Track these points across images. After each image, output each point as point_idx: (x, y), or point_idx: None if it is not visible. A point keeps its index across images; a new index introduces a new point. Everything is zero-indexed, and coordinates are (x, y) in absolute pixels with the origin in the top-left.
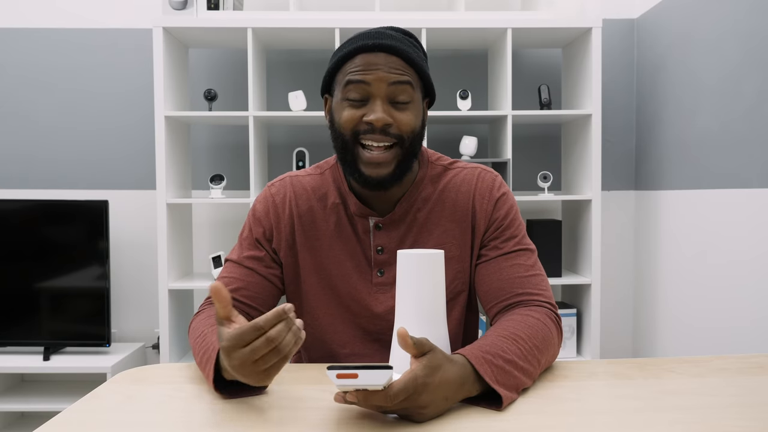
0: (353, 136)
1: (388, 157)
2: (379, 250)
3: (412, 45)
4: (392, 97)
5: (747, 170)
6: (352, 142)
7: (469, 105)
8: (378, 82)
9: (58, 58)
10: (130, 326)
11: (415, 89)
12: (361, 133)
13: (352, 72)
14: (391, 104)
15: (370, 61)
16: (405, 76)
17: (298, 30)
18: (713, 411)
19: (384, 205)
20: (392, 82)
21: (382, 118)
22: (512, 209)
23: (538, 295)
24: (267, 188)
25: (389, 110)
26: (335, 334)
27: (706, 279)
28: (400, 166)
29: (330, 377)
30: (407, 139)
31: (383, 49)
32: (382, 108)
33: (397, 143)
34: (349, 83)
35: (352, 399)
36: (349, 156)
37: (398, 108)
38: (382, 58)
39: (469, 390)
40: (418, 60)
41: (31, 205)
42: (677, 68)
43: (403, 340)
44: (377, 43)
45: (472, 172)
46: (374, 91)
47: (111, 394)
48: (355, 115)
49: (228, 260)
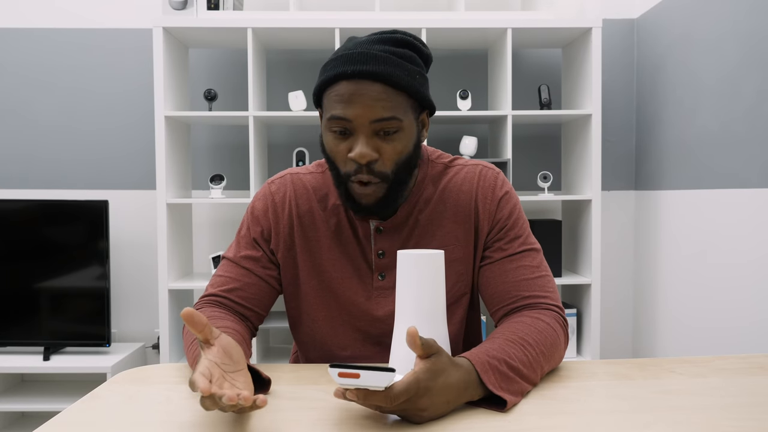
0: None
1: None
2: (381, 254)
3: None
4: (377, 130)
5: (747, 170)
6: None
7: (469, 105)
8: (360, 118)
9: (58, 58)
10: (130, 326)
11: (405, 115)
12: (351, 174)
13: (334, 103)
14: (377, 135)
15: (352, 92)
16: (388, 112)
17: (298, 30)
18: (713, 411)
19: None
20: (374, 120)
21: (367, 154)
22: (515, 208)
23: (546, 298)
24: (267, 185)
25: (375, 143)
26: (335, 336)
27: (706, 279)
28: (388, 197)
29: (332, 375)
30: (392, 173)
31: (365, 77)
32: (366, 143)
33: (380, 180)
34: (331, 118)
35: (352, 397)
36: (342, 188)
37: (385, 139)
38: (365, 87)
39: (471, 395)
40: (405, 83)
41: (31, 205)
42: (677, 68)
43: (412, 339)
44: (357, 69)
45: (473, 170)
46: (356, 127)
47: (111, 394)
48: (340, 149)
49: (225, 258)
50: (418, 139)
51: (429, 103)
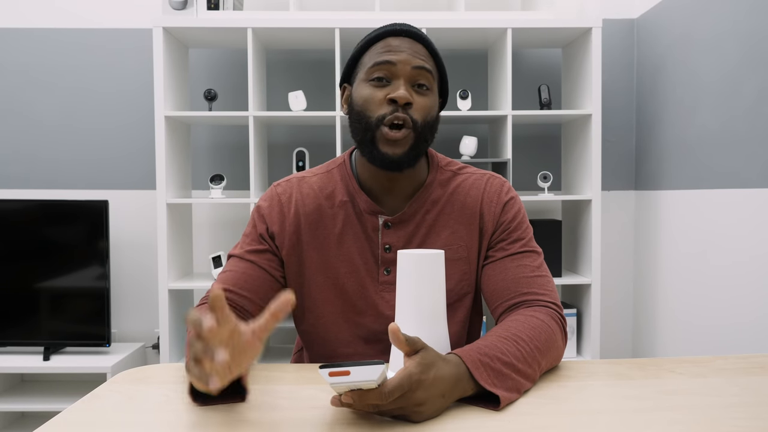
0: (378, 120)
1: (402, 135)
2: (387, 248)
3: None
4: (414, 80)
5: (747, 170)
6: (375, 124)
7: (469, 105)
8: (403, 63)
9: (58, 58)
10: (130, 326)
11: (434, 80)
12: (386, 116)
13: (379, 53)
14: (412, 88)
15: (396, 44)
16: (427, 64)
17: (298, 30)
18: (714, 411)
19: (393, 204)
20: (415, 66)
21: (405, 95)
22: (520, 213)
23: (543, 296)
24: (273, 187)
25: (411, 92)
26: (338, 333)
27: (707, 279)
28: (414, 149)
29: (323, 376)
30: (421, 124)
31: (410, 35)
32: (405, 87)
33: (412, 126)
34: (375, 64)
35: (347, 400)
36: (369, 135)
37: (418, 92)
38: (407, 43)
39: (464, 388)
40: (439, 53)
41: (31, 205)
42: (677, 68)
43: (395, 335)
44: (404, 28)
45: (481, 177)
46: (399, 71)
47: (111, 394)
48: (378, 95)
49: (231, 255)
50: (437, 114)
51: (446, 87)
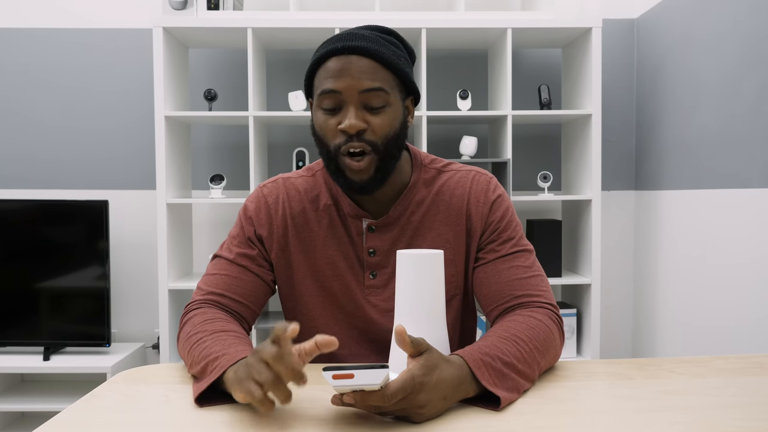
0: (335, 150)
1: (364, 164)
2: (371, 252)
3: (387, 44)
4: (365, 102)
5: (747, 170)
6: (334, 154)
7: (469, 105)
8: (349, 90)
9: (58, 58)
10: (130, 326)
11: (391, 91)
12: (342, 146)
13: (324, 79)
14: (365, 109)
15: (341, 67)
16: (376, 83)
17: (298, 30)
18: (713, 411)
19: (378, 208)
20: (363, 90)
21: (355, 124)
22: (508, 211)
23: (539, 296)
24: (259, 189)
25: (363, 115)
26: (331, 335)
27: (707, 279)
28: (380, 171)
29: (326, 378)
30: (381, 144)
31: (353, 52)
32: (355, 114)
33: (372, 150)
34: (322, 92)
35: (349, 400)
36: (333, 165)
37: (373, 112)
38: (353, 62)
39: (466, 391)
40: (392, 60)
41: (31, 205)
42: (677, 68)
43: (401, 337)
44: (346, 45)
45: (466, 175)
46: (346, 99)
47: (111, 394)
48: (331, 124)
49: (218, 256)
50: (404, 121)
51: (413, 87)
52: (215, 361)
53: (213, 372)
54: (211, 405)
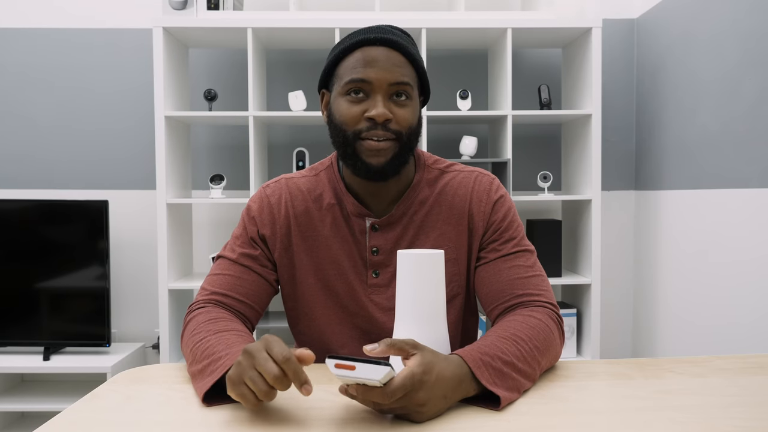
0: (355, 134)
1: (384, 146)
2: (375, 251)
3: (411, 43)
4: (392, 94)
5: (747, 170)
6: (353, 138)
7: (469, 105)
8: (380, 80)
9: (58, 58)
10: (130, 326)
11: (414, 87)
12: (363, 131)
13: (354, 68)
14: (390, 100)
15: (372, 56)
16: (405, 77)
17: (298, 30)
18: (713, 411)
19: (381, 207)
20: (393, 82)
21: (384, 113)
22: (510, 211)
23: (539, 296)
24: (262, 189)
25: (389, 106)
26: (333, 334)
27: (706, 279)
28: (398, 158)
29: (329, 366)
30: (405, 134)
31: (385, 44)
32: (383, 104)
33: (395, 138)
34: (351, 81)
35: (352, 392)
36: (350, 149)
37: (398, 104)
38: (383, 53)
39: (466, 390)
40: (418, 58)
41: (31, 205)
42: (677, 68)
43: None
44: (379, 37)
45: (468, 176)
46: (375, 88)
47: (111, 394)
48: (356, 111)
49: (221, 257)
50: (420, 117)
51: (427, 87)
52: (219, 360)
53: (216, 371)
54: (216, 404)
